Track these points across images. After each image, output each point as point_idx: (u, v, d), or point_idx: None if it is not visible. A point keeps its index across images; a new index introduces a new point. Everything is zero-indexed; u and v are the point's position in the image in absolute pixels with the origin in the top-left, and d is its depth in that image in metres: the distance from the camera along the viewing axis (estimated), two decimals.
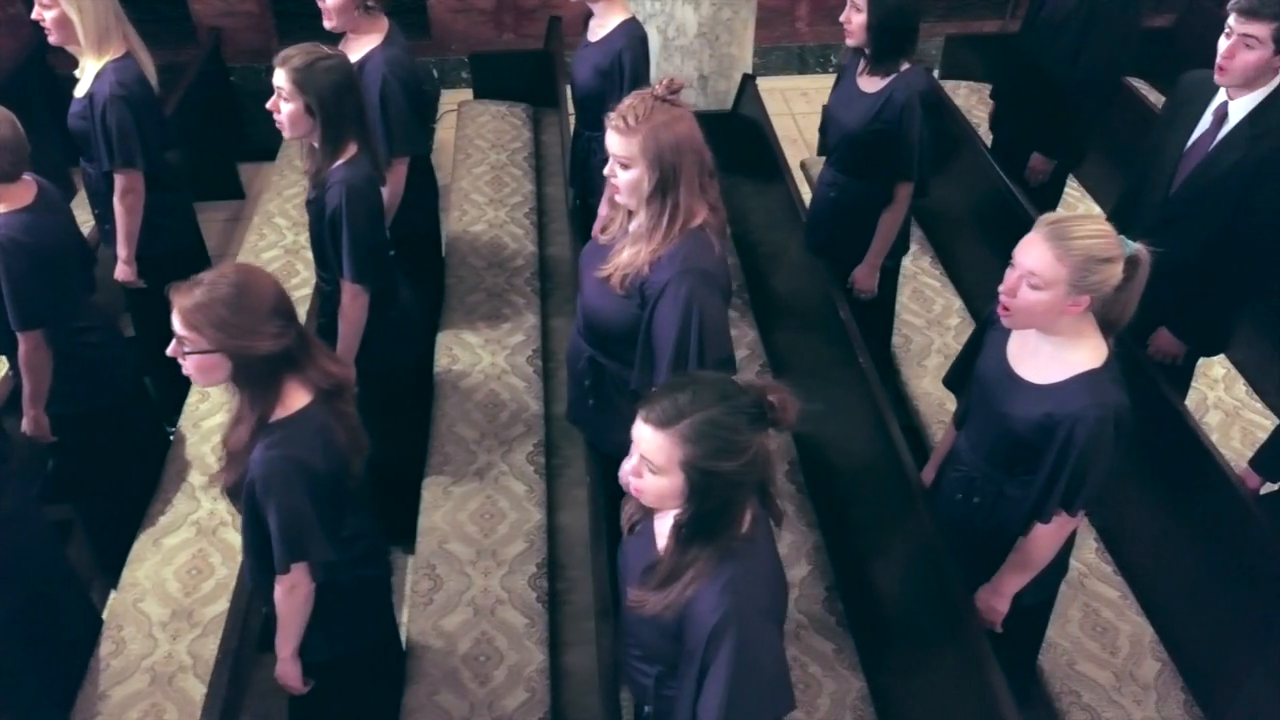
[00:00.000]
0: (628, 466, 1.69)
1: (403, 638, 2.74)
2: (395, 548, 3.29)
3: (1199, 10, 5.25)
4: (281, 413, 1.94)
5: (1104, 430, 2.01)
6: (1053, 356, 2.09)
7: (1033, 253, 1.99)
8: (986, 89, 4.46)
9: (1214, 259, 2.90)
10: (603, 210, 2.65)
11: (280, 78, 2.60)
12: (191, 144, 4.78)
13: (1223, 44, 2.74)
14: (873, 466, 2.87)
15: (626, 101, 2.27)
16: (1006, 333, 2.21)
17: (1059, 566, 2.37)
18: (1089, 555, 3.00)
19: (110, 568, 3.12)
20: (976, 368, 2.30)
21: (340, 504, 2.10)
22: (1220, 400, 3.56)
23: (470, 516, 3.08)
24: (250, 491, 1.92)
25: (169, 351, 1.89)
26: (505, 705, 2.59)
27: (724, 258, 2.40)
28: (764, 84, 6.15)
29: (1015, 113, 4.00)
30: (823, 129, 3.37)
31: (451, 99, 5.91)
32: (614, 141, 2.22)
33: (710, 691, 1.67)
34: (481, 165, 4.73)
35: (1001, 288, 2.05)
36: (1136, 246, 2.01)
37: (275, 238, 4.33)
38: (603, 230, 2.48)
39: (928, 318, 3.89)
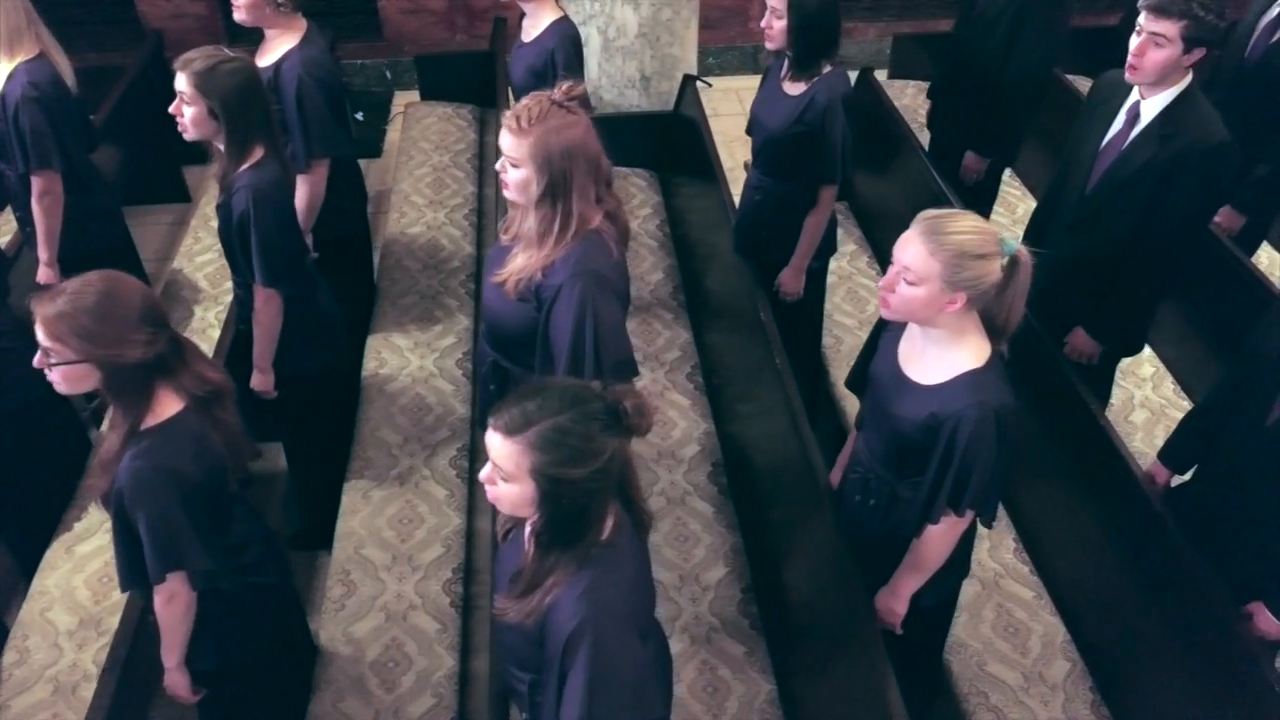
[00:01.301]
0: (483, 474, 1.68)
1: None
2: (320, 552, 3.28)
3: None
4: (152, 420, 1.92)
5: (985, 429, 2.00)
6: (939, 358, 2.08)
7: (908, 249, 1.98)
8: None
9: (1128, 258, 2.90)
10: None
11: (181, 81, 2.58)
12: (134, 146, 4.75)
13: (1133, 42, 2.75)
14: (788, 468, 2.87)
15: (523, 102, 2.26)
16: (899, 335, 2.20)
17: (958, 567, 2.36)
18: (1006, 555, 3.00)
19: (32, 576, 3.08)
20: (871, 369, 2.29)
21: (223, 511, 2.08)
22: (1147, 399, 3.57)
23: (388, 521, 3.06)
24: (119, 501, 1.90)
25: (35, 363, 1.87)
26: (411, 712, 2.58)
27: (622, 263, 2.39)
28: (719, 84, 6.17)
29: (950, 111, 4.00)
30: (749, 131, 3.37)
31: (404, 101, 5.89)
32: (505, 141, 2.22)
33: (569, 700, 1.66)
34: (424, 167, 4.71)
35: (881, 283, 2.05)
36: (1017, 247, 2.00)
37: (211, 240, 4.30)
38: (505, 231, 2.48)
39: (860, 318, 3.88)
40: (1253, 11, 3.57)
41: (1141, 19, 2.69)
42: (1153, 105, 2.80)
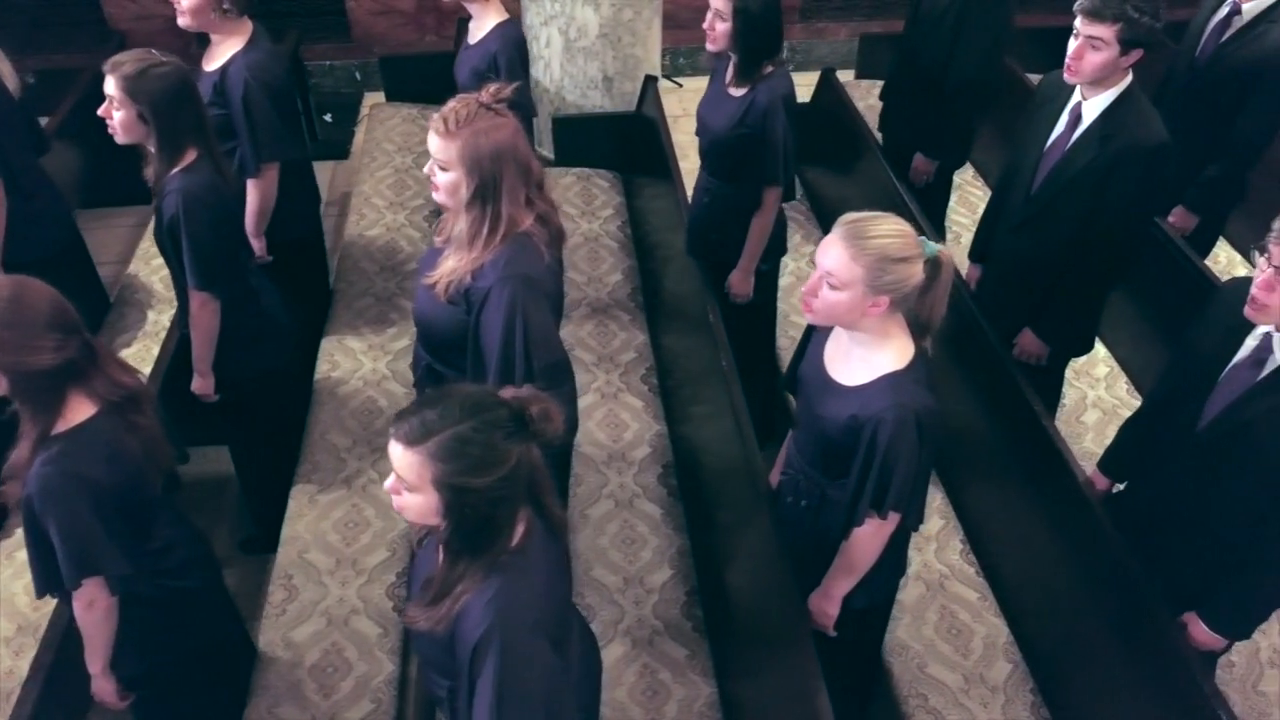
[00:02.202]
0: (387, 484, 1.67)
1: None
2: (270, 556, 3.26)
3: None
4: (62, 426, 1.90)
5: (905, 431, 1.99)
6: (862, 359, 2.08)
7: (830, 253, 1.98)
8: None
9: (1073, 258, 2.90)
10: None
11: (110, 85, 2.57)
12: (94, 148, 4.71)
13: (1071, 45, 2.74)
14: (732, 470, 2.86)
15: (450, 104, 2.26)
16: (826, 336, 2.20)
17: (892, 570, 2.35)
18: (953, 557, 2.99)
19: None
20: (800, 370, 2.29)
21: (142, 515, 2.07)
22: (1100, 399, 3.56)
23: (334, 525, 3.05)
24: (28, 507, 1.89)
25: None
26: (348, 717, 2.56)
27: (554, 266, 2.38)
28: (689, 84, 6.17)
29: (900, 113, 4.00)
30: (697, 132, 3.35)
31: (372, 102, 5.87)
32: (433, 143, 2.21)
33: (479, 708, 1.64)
34: (385, 169, 4.69)
35: (804, 288, 2.04)
36: (938, 248, 2.00)
37: None
38: (439, 234, 2.47)
39: None
40: (1203, 12, 3.56)
41: (1078, 22, 2.69)
42: (1094, 106, 2.80)
